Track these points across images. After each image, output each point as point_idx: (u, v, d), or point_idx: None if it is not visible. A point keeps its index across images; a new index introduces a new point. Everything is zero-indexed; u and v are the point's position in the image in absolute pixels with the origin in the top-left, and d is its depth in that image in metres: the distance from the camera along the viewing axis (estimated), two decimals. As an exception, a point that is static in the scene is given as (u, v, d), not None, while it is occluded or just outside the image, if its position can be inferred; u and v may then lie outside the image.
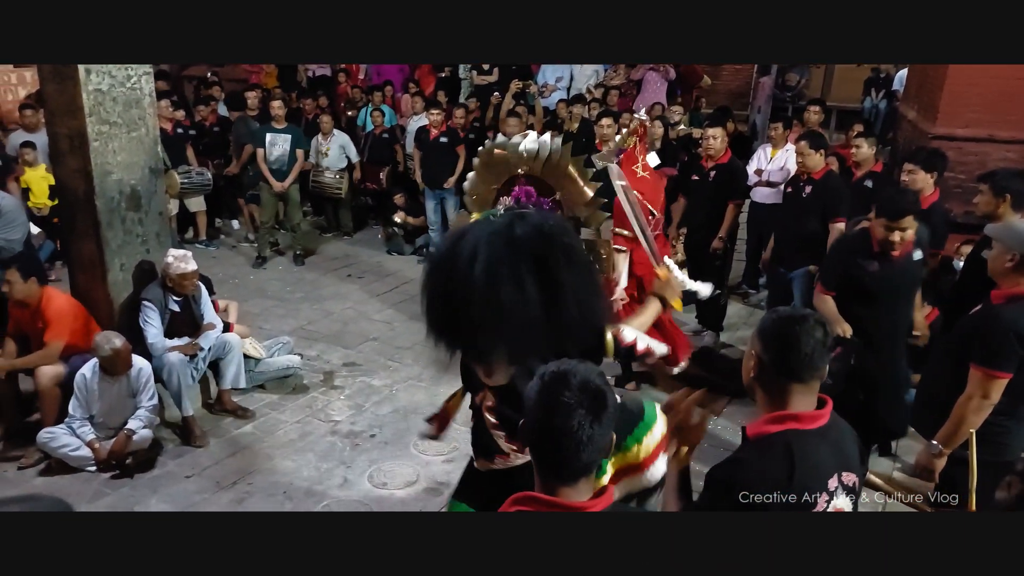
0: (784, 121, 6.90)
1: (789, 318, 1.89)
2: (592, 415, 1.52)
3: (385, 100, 9.42)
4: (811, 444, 1.84)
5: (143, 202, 4.75)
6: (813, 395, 1.89)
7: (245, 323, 5.63)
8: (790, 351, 1.84)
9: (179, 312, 4.79)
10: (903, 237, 3.60)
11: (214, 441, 4.67)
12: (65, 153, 4.55)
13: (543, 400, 1.55)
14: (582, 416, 1.51)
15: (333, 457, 4.52)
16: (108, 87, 4.45)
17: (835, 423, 1.93)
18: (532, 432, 1.59)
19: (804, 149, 5.17)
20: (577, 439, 1.50)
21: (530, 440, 1.60)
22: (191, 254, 4.78)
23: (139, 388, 4.41)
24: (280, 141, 7.75)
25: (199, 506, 4.05)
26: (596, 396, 1.54)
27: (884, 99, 10.35)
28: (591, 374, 1.59)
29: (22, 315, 4.53)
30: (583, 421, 1.51)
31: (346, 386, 5.39)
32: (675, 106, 8.42)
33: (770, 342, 1.88)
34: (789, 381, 1.86)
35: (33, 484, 4.20)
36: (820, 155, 5.19)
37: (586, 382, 1.55)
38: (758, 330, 1.94)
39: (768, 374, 1.89)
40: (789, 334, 1.84)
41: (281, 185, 7.73)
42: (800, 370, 1.85)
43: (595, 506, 1.55)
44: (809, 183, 5.19)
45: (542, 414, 1.55)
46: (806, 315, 1.89)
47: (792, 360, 1.84)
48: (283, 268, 7.90)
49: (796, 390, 1.87)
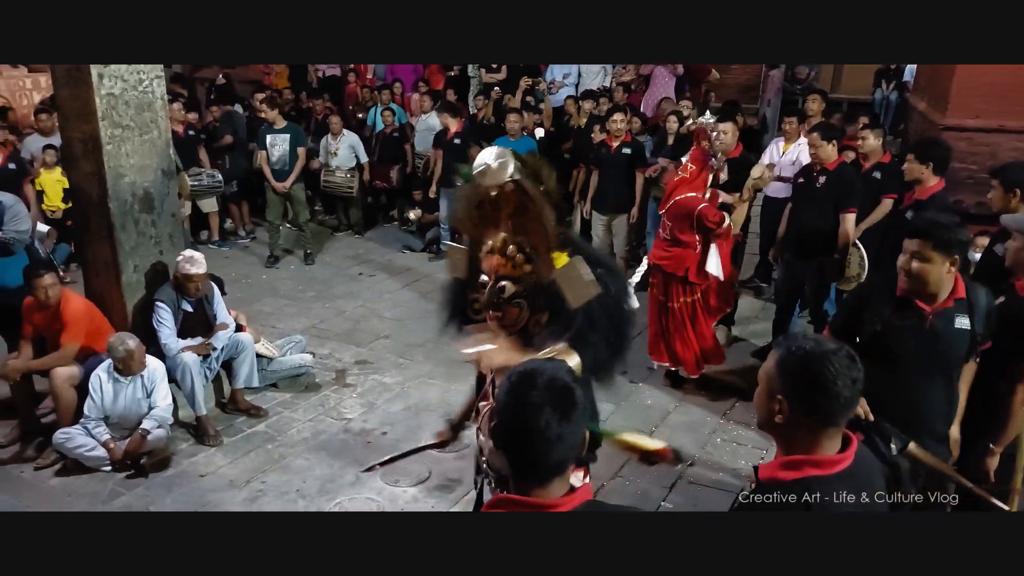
0: (798, 115, 6.85)
1: (818, 356, 1.65)
2: (560, 413, 1.49)
3: (394, 99, 9.45)
4: (833, 491, 1.65)
5: (156, 204, 4.80)
6: (840, 435, 1.71)
7: (257, 323, 5.68)
8: (823, 395, 1.63)
9: (192, 312, 4.84)
10: (912, 267, 2.77)
11: (228, 440, 4.72)
12: (79, 156, 4.60)
13: (510, 401, 1.53)
14: (549, 415, 1.48)
15: (346, 455, 4.55)
16: (120, 91, 4.49)
17: (860, 460, 1.73)
18: (501, 434, 1.56)
19: (816, 140, 5.18)
20: (546, 438, 1.48)
21: (500, 442, 1.57)
22: (201, 256, 4.81)
23: (153, 388, 4.46)
24: (280, 141, 7.78)
25: (213, 505, 4.09)
26: (563, 394, 1.51)
27: (895, 90, 10.27)
28: (559, 372, 1.56)
29: (40, 318, 4.59)
30: (551, 420, 1.47)
31: (358, 384, 5.43)
32: (684, 101, 8.39)
33: (799, 384, 1.66)
34: (822, 426, 1.67)
35: (50, 484, 4.26)
36: (833, 146, 5.18)
37: (553, 380, 1.52)
38: (780, 368, 1.71)
39: (795, 418, 1.67)
40: (821, 376, 1.63)
41: (282, 185, 7.77)
42: (835, 415, 1.65)
43: (565, 505, 1.53)
44: (823, 174, 5.19)
45: (509, 415, 1.52)
46: (835, 349, 1.67)
47: (825, 404, 1.64)
48: (295, 267, 7.95)
49: (827, 435, 1.68)
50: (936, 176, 4.56)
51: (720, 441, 4.72)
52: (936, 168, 4.55)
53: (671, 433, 4.78)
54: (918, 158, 4.58)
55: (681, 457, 2.52)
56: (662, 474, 4.34)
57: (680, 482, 4.28)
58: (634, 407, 5.07)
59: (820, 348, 1.68)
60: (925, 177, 4.55)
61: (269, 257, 8.01)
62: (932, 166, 4.53)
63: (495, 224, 2.56)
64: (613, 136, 6.87)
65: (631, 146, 6.88)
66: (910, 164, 4.62)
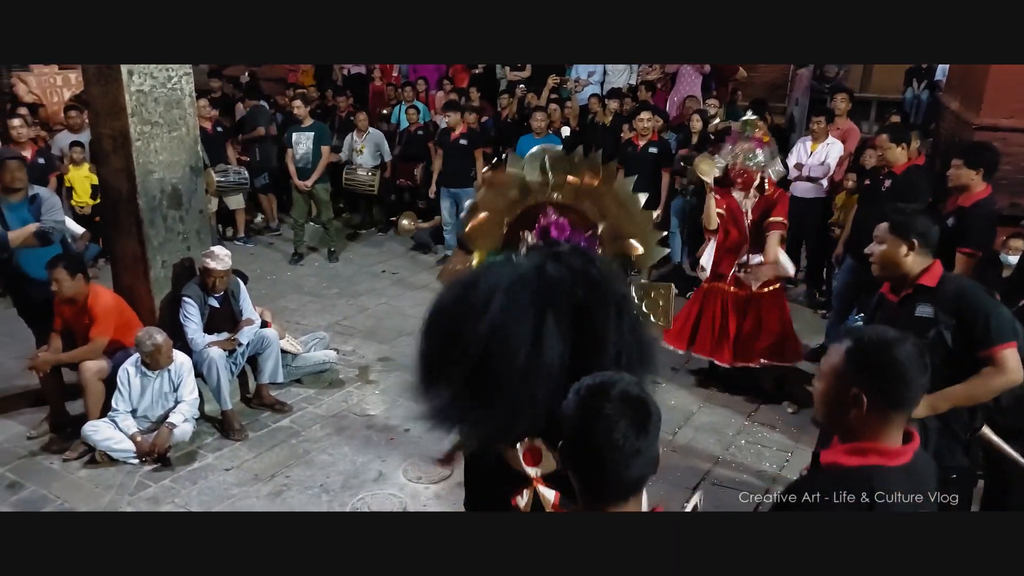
0: (827, 115, 6.76)
1: (891, 343, 1.70)
2: (637, 427, 1.44)
3: (418, 96, 9.47)
4: (895, 484, 1.66)
5: (184, 200, 4.85)
6: (903, 426, 1.74)
7: (282, 319, 5.72)
8: (900, 382, 1.67)
9: (218, 308, 4.88)
10: (874, 251, 2.99)
11: (253, 435, 4.76)
12: (109, 153, 4.65)
13: (583, 415, 1.46)
14: (626, 428, 1.43)
15: (368, 451, 4.57)
16: (150, 88, 4.54)
17: (918, 457, 1.76)
18: (573, 451, 1.49)
19: (885, 143, 5.12)
20: (624, 453, 1.42)
21: (571, 461, 1.51)
22: (224, 252, 4.84)
23: (180, 383, 4.51)
24: (304, 139, 7.83)
25: (238, 498, 4.13)
26: (639, 406, 1.46)
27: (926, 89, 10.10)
28: (631, 384, 1.50)
29: (69, 311, 4.65)
30: (628, 433, 1.42)
31: (381, 381, 5.45)
32: (711, 99, 8.32)
33: (876, 374, 1.68)
34: (894, 412, 1.70)
35: (78, 476, 4.32)
36: (903, 149, 5.08)
37: (626, 393, 1.47)
38: (853, 360, 1.71)
39: (871, 407, 1.68)
40: (898, 362, 1.67)
41: (305, 183, 7.81)
42: (909, 401, 1.70)
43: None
44: (889, 176, 5.11)
45: (583, 430, 1.46)
46: (903, 337, 1.72)
47: (902, 391, 1.68)
48: (318, 264, 8.00)
49: (896, 423, 1.71)
50: (984, 182, 4.41)
51: (744, 443, 4.68)
52: (986, 174, 4.38)
53: (695, 434, 4.75)
54: (968, 163, 4.37)
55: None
56: (685, 475, 4.31)
57: (704, 483, 4.25)
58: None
59: (890, 336, 1.71)
60: (974, 183, 4.36)
61: (294, 255, 8.07)
62: (983, 172, 4.34)
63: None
64: (640, 135, 6.83)
65: (658, 145, 6.85)
66: (958, 169, 4.40)
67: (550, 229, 2.47)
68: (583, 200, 2.60)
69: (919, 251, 2.83)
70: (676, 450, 4.56)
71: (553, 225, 2.49)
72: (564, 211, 2.55)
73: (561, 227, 2.48)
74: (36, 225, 4.75)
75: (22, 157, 5.23)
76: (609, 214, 2.63)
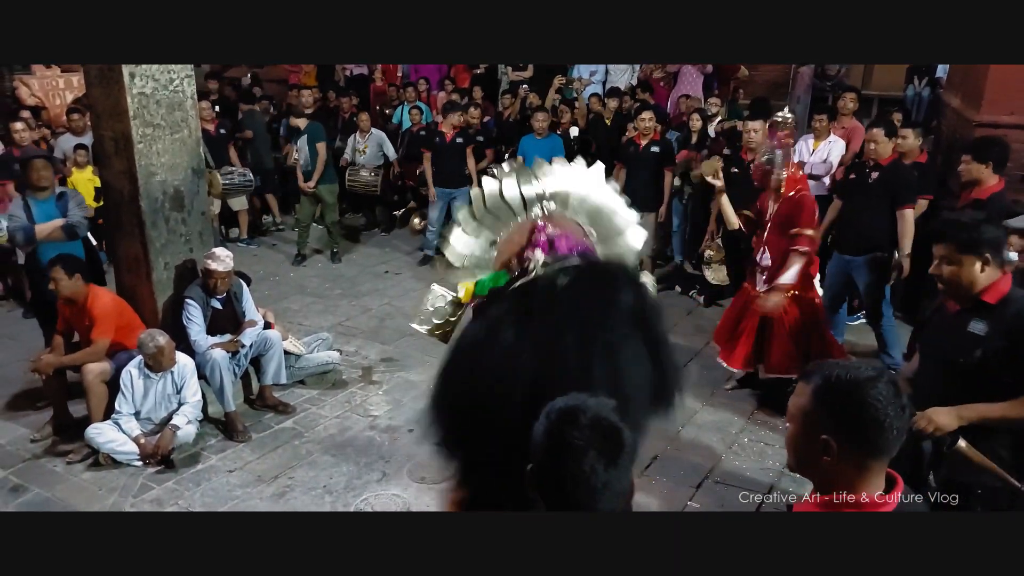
0: (829, 112, 6.76)
1: (862, 383, 1.49)
2: (606, 458, 1.35)
3: (420, 97, 9.47)
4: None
5: (186, 202, 4.85)
6: (885, 470, 1.56)
7: (285, 320, 5.72)
8: (874, 427, 1.48)
9: (221, 309, 4.89)
10: (943, 272, 2.71)
11: (256, 436, 4.76)
12: (111, 155, 4.66)
13: (550, 442, 1.38)
14: (595, 459, 1.34)
15: (372, 452, 4.57)
16: (151, 90, 4.55)
17: (904, 506, 1.59)
18: (540, 479, 1.42)
19: (879, 136, 5.11)
20: (590, 486, 1.34)
21: (537, 489, 1.43)
22: (226, 254, 4.85)
23: (183, 384, 4.51)
24: (301, 143, 7.86)
25: (242, 500, 4.13)
26: (609, 435, 1.38)
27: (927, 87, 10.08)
28: (603, 410, 1.41)
29: (70, 312, 4.67)
30: (596, 465, 1.34)
31: (384, 381, 5.45)
32: (713, 98, 8.32)
33: (846, 418, 1.50)
34: (871, 460, 1.51)
35: (82, 478, 4.33)
36: (891, 143, 5.15)
37: (597, 419, 1.38)
38: (820, 402, 1.52)
39: (842, 455, 1.51)
40: (870, 406, 1.47)
41: (307, 185, 7.83)
42: (886, 447, 1.50)
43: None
44: (876, 169, 5.13)
45: (549, 458, 1.38)
46: (877, 375, 1.51)
47: (876, 437, 1.49)
48: (321, 265, 8.01)
49: (874, 470, 1.53)
50: (995, 175, 4.47)
51: (747, 441, 4.67)
52: (996, 167, 4.47)
53: (698, 432, 4.75)
54: (977, 158, 4.48)
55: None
56: (688, 473, 4.31)
57: (707, 482, 4.25)
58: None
59: (862, 375, 1.50)
60: (985, 177, 4.47)
61: (297, 255, 8.08)
62: (992, 165, 4.45)
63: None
64: (642, 134, 6.82)
65: (660, 144, 6.84)
66: (968, 164, 4.52)
67: (555, 241, 2.34)
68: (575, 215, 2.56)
69: (993, 264, 2.62)
70: (679, 448, 4.56)
71: (562, 238, 2.36)
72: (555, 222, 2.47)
73: (569, 240, 2.35)
74: (63, 220, 4.95)
75: (48, 156, 5.45)
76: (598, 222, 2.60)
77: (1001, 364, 2.59)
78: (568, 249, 2.33)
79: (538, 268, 2.23)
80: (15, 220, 4.98)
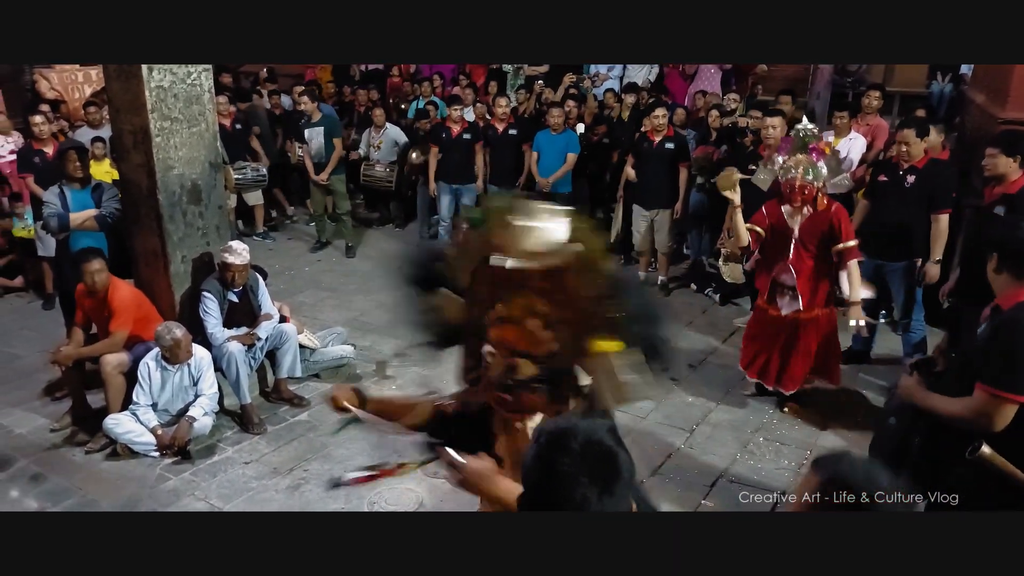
0: (850, 109, 6.66)
1: (868, 482, 1.45)
2: (600, 485, 1.24)
3: (434, 91, 9.46)
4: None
5: (203, 196, 4.88)
6: None
7: (300, 314, 5.75)
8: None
9: (237, 303, 4.91)
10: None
11: (271, 428, 4.79)
12: (129, 148, 4.69)
13: (538, 468, 1.28)
14: (587, 487, 1.23)
15: (386, 445, 4.56)
16: (169, 84, 4.57)
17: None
18: (531, 507, 1.32)
19: (910, 138, 4.93)
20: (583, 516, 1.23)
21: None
22: (243, 247, 4.87)
23: (199, 377, 4.54)
24: (315, 134, 7.90)
25: (257, 491, 4.16)
26: (604, 460, 1.26)
27: (951, 83, 9.96)
28: (596, 432, 1.29)
29: (90, 304, 4.71)
30: (589, 494, 1.23)
31: (398, 376, 5.46)
32: (731, 94, 8.26)
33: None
34: None
35: (100, 468, 4.37)
36: (923, 143, 4.99)
37: (589, 443, 1.26)
38: (824, 496, 1.45)
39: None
40: (871, 507, 1.43)
41: (321, 177, 7.87)
42: None
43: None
44: (911, 172, 4.96)
45: (538, 486, 1.28)
46: (883, 474, 1.47)
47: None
48: (336, 260, 8.04)
49: None
50: (1021, 170, 4.41)
51: (763, 440, 4.64)
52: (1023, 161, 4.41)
53: (712, 431, 4.72)
54: (1005, 152, 4.39)
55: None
56: (702, 473, 4.29)
57: (721, 481, 4.22)
58: (675, 405, 5.00)
59: (873, 473, 1.44)
60: (1012, 171, 4.38)
61: (316, 243, 8.23)
62: (1021, 159, 4.37)
63: (512, 288, 1.93)
64: (655, 130, 6.78)
65: (674, 140, 6.79)
66: (995, 158, 4.42)
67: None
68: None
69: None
70: (693, 447, 4.54)
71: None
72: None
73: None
74: (96, 211, 5.15)
75: (83, 147, 5.60)
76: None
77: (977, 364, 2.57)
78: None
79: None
80: (51, 208, 5.12)
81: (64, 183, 5.21)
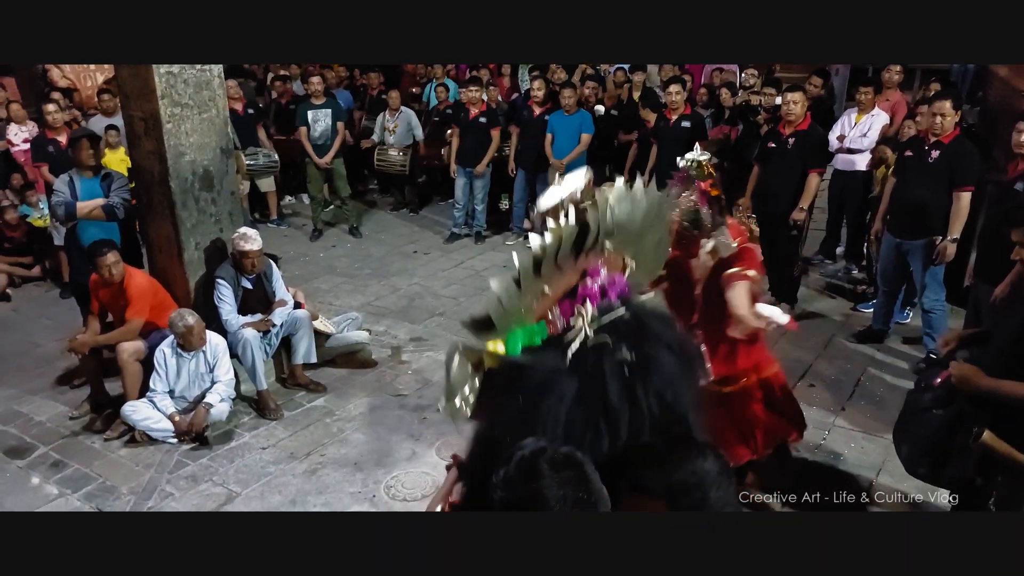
0: (875, 86, 6.51)
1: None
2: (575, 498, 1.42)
3: (448, 74, 9.39)
4: None
5: (215, 182, 4.86)
6: None
7: (315, 300, 5.75)
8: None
9: (251, 289, 4.91)
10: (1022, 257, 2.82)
11: (288, 414, 4.79)
12: (140, 135, 4.68)
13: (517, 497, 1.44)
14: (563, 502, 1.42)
15: (401, 430, 4.58)
16: (179, 70, 4.54)
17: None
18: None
19: (946, 109, 4.72)
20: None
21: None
22: (255, 233, 4.85)
23: (215, 363, 4.55)
24: (321, 116, 7.85)
25: (275, 476, 4.16)
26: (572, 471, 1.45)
27: (972, 57, 9.79)
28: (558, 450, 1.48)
29: (106, 293, 4.72)
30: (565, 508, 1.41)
31: (413, 361, 5.44)
32: (749, 70, 8.14)
33: None
34: None
35: (119, 454, 4.39)
36: (957, 115, 4.81)
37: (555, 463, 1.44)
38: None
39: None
40: None
41: (324, 160, 7.84)
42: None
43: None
44: (936, 147, 4.79)
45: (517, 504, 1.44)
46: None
47: None
48: (350, 245, 8.03)
49: None
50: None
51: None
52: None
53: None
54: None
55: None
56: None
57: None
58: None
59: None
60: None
61: (314, 231, 8.13)
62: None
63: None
64: (671, 109, 6.69)
65: (690, 119, 6.70)
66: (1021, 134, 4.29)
67: (607, 290, 2.07)
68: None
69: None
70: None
71: (608, 284, 2.08)
72: (608, 263, 2.13)
73: (613, 283, 2.08)
74: (104, 200, 5.09)
75: (96, 135, 5.57)
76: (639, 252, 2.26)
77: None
78: (616, 296, 2.07)
79: (587, 326, 1.99)
80: (59, 195, 5.11)
81: (75, 171, 5.21)
